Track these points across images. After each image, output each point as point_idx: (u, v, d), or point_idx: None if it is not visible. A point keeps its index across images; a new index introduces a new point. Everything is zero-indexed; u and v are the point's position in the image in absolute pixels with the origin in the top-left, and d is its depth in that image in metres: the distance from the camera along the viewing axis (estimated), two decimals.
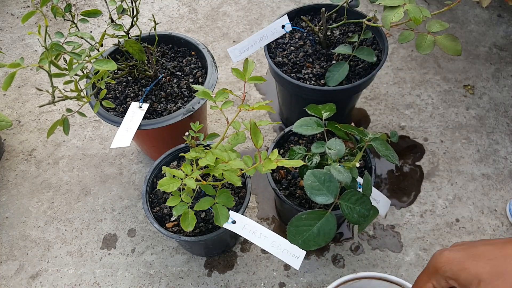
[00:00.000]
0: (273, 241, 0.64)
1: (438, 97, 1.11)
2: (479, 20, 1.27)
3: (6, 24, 1.34)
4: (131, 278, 0.87)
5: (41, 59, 0.62)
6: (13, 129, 1.10)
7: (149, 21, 1.30)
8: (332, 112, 0.73)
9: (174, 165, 0.81)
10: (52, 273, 0.88)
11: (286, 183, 0.78)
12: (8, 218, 0.96)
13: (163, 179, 0.58)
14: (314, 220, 0.59)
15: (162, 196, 0.78)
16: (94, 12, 0.71)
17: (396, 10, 0.69)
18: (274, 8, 1.33)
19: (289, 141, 0.84)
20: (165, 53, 0.95)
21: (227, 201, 0.63)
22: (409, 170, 0.99)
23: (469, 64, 1.17)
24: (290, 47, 0.92)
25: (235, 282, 0.85)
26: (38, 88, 0.64)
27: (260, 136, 0.54)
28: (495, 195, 0.95)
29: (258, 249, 0.89)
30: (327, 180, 0.59)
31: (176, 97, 0.87)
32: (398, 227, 0.91)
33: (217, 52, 1.22)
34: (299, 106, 0.91)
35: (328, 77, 0.85)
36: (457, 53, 0.72)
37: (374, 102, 1.10)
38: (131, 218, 0.95)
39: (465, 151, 1.02)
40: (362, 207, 0.59)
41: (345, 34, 0.93)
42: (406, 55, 1.20)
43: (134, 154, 1.04)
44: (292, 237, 0.59)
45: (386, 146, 0.67)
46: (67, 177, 1.01)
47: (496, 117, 1.07)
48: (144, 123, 0.80)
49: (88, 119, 1.11)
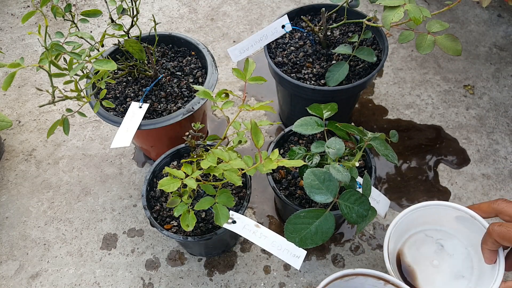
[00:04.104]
0: (273, 241, 0.64)
1: (438, 97, 1.11)
2: (479, 20, 1.27)
3: (6, 24, 1.34)
4: (131, 278, 0.87)
5: (41, 59, 0.62)
6: (13, 129, 1.10)
7: (149, 21, 1.30)
8: (333, 111, 0.73)
9: (174, 165, 0.81)
10: (52, 273, 0.88)
11: (286, 183, 0.78)
12: (8, 218, 0.96)
13: (164, 179, 0.58)
14: (313, 219, 0.59)
15: (162, 196, 0.78)
16: (94, 12, 0.72)
17: (396, 10, 0.69)
18: (274, 8, 1.33)
19: (289, 141, 0.84)
20: (165, 53, 0.95)
21: (228, 201, 0.63)
22: (410, 170, 0.99)
23: (469, 64, 1.17)
24: (290, 47, 0.92)
25: (235, 282, 0.85)
26: (38, 88, 0.64)
27: (261, 136, 0.54)
28: (495, 195, 0.95)
29: (258, 249, 0.89)
30: (326, 179, 0.59)
31: (176, 97, 0.87)
32: None
33: (217, 52, 1.22)
34: (299, 106, 0.91)
35: (328, 77, 0.85)
36: (457, 53, 0.72)
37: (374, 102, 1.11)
38: (131, 218, 0.95)
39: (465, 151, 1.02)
40: (361, 207, 0.59)
41: (345, 34, 0.93)
42: (406, 55, 1.20)
43: (134, 154, 1.04)
44: (289, 234, 0.59)
45: (386, 145, 0.67)
46: (67, 177, 1.01)
47: (496, 117, 1.07)
48: (144, 123, 0.80)
49: (88, 119, 1.11)
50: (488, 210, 0.64)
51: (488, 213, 0.64)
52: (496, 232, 0.58)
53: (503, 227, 0.57)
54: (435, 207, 0.74)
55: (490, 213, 0.63)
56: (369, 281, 0.64)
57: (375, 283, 0.64)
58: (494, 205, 0.63)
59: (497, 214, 0.62)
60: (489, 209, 0.64)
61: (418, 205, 0.74)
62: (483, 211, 0.65)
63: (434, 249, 0.76)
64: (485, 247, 0.63)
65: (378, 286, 0.64)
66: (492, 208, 0.63)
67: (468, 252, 0.74)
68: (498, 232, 0.58)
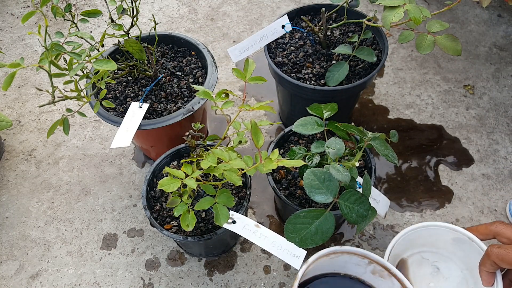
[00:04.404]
0: (273, 241, 0.64)
1: (438, 97, 1.11)
2: (479, 20, 1.27)
3: (6, 24, 1.34)
4: (131, 278, 0.87)
5: (41, 59, 0.62)
6: (13, 129, 1.10)
7: (149, 21, 1.30)
8: (333, 111, 0.73)
9: (174, 165, 0.81)
10: (52, 273, 0.88)
11: (286, 183, 0.78)
12: (8, 218, 0.96)
13: (164, 179, 0.58)
14: (313, 219, 0.59)
15: (162, 196, 0.78)
16: (94, 12, 0.72)
17: (396, 10, 0.69)
18: (274, 8, 1.33)
19: (289, 141, 0.84)
20: (165, 53, 0.95)
21: (228, 201, 0.63)
22: (410, 170, 0.99)
23: (469, 64, 1.17)
24: (290, 47, 0.92)
25: (235, 282, 0.85)
26: (38, 88, 0.64)
27: (261, 136, 0.54)
28: (495, 195, 0.95)
29: (258, 249, 0.89)
30: (326, 179, 0.59)
31: (176, 97, 0.87)
32: (398, 227, 0.91)
33: (217, 52, 1.22)
34: (299, 106, 0.91)
35: (328, 77, 0.85)
36: (457, 53, 0.72)
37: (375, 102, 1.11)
38: (131, 218, 0.95)
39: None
40: (361, 207, 0.59)
41: (345, 34, 0.93)
42: (406, 55, 1.20)
43: (134, 154, 1.04)
44: (289, 234, 0.59)
45: (386, 145, 0.67)
46: (67, 177, 1.01)
47: (496, 117, 1.07)
48: (144, 123, 0.80)
49: (88, 119, 1.11)
50: (485, 232, 0.64)
51: (485, 235, 0.64)
52: (495, 254, 0.58)
53: (502, 249, 0.57)
54: (434, 228, 0.73)
55: (488, 235, 0.63)
56: (353, 259, 0.64)
57: (359, 262, 0.64)
58: (491, 227, 0.63)
59: (494, 236, 0.62)
60: (487, 231, 0.64)
61: (416, 226, 0.73)
62: (480, 233, 0.65)
63: (430, 271, 0.75)
64: (483, 269, 0.63)
65: (361, 265, 0.65)
66: (489, 230, 0.63)
67: (463, 275, 0.73)
68: (497, 254, 0.58)
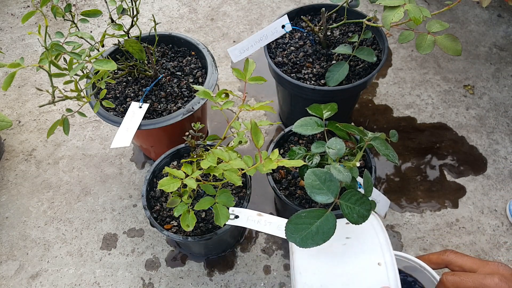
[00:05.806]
0: (279, 225, 0.65)
1: (438, 97, 1.11)
2: (479, 20, 1.27)
3: (6, 24, 1.34)
4: (131, 278, 0.87)
5: (41, 59, 0.62)
6: (13, 129, 1.10)
7: (149, 21, 1.30)
8: (333, 111, 0.73)
9: (174, 165, 0.81)
10: (52, 273, 0.88)
11: (286, 183, 0.78)
12: (8, 218, 0.96)
13: (164, 179, 0.58)
14: (314, 219, 0.59)
15: (162, 196, 0.78)
16: (94, 12, 0.71)
17: (396, 10, 0.69)
18: (274, 8, 1.33)
19: (289, 141, 0.84)
20: (165, 53, 0.95)
21: (228, 200, 0.63)
22: (409, 170, 0.99)
23: (469, 64, 1.17)
24: (290, 47, 0.92)
25: (235, 282, 0.85)
26: (38, 88, 0.64)
27: (261, 136, 0.54)
28: (495, 195, 0.95)
29: (258, 249, 0.89)
30: (327, 179, 0.59)
31: (176, 97, 0.87)
32: (398, 227, 0.91)
33: (217, 52, 1.22)
34: (299, 106, 0.91)
35: (328, 77, 0.85)
36: (457, 53, 0.72)
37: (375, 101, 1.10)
38: (131, 218, 0.95)
39: None
40: (362, 208, 0.59)
41: (345, 34, 0.93)
42: (406, 55, 1.20)
43: (134, 154, 1.04)
44: (290, 234, 0.59)
45: (386, 145, 0.67)
46: (67, 177, 1.01)
47: (496, 117, 1.07)
48: (144, 123, 0.80)
49: (88, 119, 1.11)
50: (437, 261, 0.64)
51: (437, 264, 0.64)
52: (449, 281, 0.59)
53: (456, 277, 0.58)
54: None
55: (440, 264, 0.64)
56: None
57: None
58: (443, 256, 0.63)
59: (446, 265, 0.63)
60: (439, 260, 0.64)
61: None
62: (432, 262, 0.65)
63: None
64: None
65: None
66: (441, 259, 0.63)
67: None
68: (451, 281, 0.58)
